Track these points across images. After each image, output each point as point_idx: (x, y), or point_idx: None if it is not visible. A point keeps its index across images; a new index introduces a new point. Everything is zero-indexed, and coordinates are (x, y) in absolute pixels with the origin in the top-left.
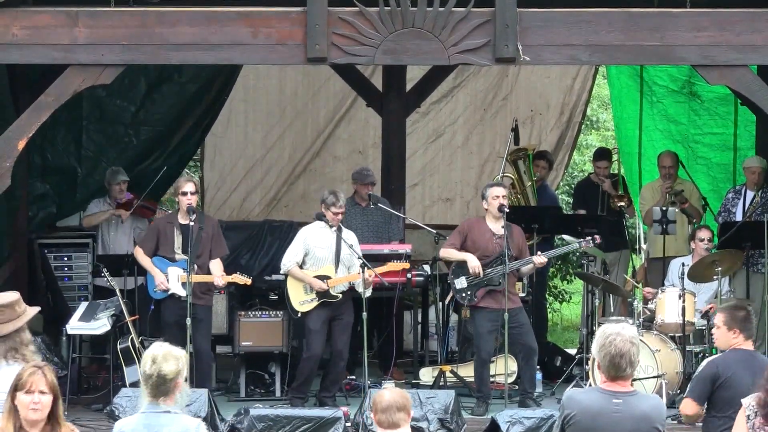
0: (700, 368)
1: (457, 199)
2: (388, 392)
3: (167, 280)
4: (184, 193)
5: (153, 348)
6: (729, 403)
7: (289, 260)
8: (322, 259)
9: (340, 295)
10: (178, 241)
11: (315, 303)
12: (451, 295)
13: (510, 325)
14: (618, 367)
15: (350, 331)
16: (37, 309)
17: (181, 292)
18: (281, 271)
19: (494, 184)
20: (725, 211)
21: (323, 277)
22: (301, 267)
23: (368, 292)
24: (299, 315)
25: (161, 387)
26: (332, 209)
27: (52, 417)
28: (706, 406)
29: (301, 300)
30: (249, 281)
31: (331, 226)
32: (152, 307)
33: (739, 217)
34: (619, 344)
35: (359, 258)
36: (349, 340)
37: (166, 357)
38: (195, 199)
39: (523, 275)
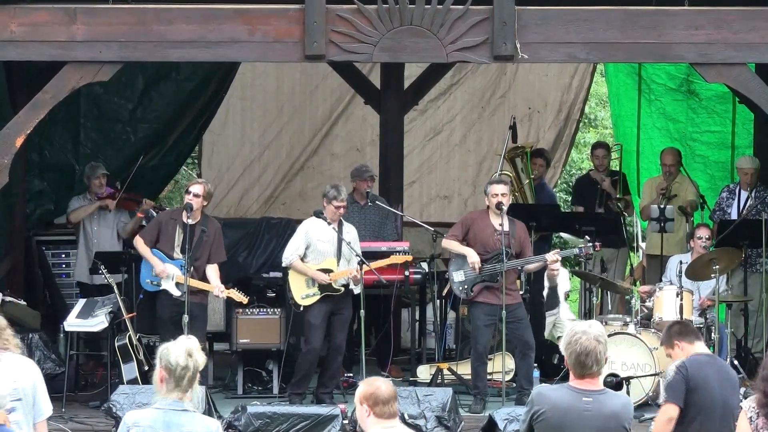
0: (668, 375)
1: (454, 196)
2: (383, 383)
3: (161, 276)
4: (188, 192)
5: (183, 342)
6: (698, 407)
7: (290, 253)
8: (324, 253)
9: (343, 289)
10: (178, 239)
11: (317, 297)
12: (448, 287)
13: (508, 320)
14: (584, 365)
15: (348, 326)
16: None
17: (174, 292)
18: (283, 264)
19: (495, 181)
20: (720, 210)
21: (325, 271)
22: (302, 260)
23: (358, 289)
24: (301, 309)
25: (192, 380)
26: (334, 203)
27: None
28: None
29: (304, 294)
30: (245, 300)
31: (329, 223)
32: (141, 296)
33: (734, 217)
34: (584, 342)
35: (357, 255)
36: (347, 335)
37: (199, 350)
38: (197, 202)
39: (529, 271)
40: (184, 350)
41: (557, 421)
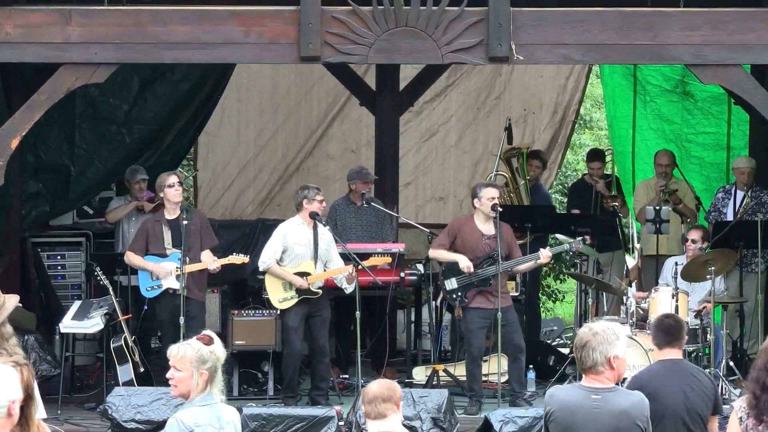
0: (625, 384)
1: (450, 198)
2: (376, 384)
3: (160, 275)
4: (171, 186)
5: (215, 340)
6: (656, 416)
7: (267, 258)
8: (300, 256)
9: (320, 291)
10: (167, 236)
11: (295, 300)
12: (442, 296)
13: (500, 323)
14: (580, 360)
15: (328, 327)
16: (16, 297)
17: (176, 285)
18: (260, 269)
19: (489, 184)
20: (715, 211)
21: (303, 274)
22: (278, 264)
23: (351, 288)
24: (278, 312)
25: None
26: (318, 197)
27: (22, 416)
28: None
29: (281, 297)
30: (246, 259)
31: (325, 224)
32: (145, 307)
33: (730, 217)
34: (580, 335)
35: (353, 258)
36: (328, 335)
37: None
38: (179, 192)
39: (520, 272)
40: (221, 347)
41: (567, 421)
